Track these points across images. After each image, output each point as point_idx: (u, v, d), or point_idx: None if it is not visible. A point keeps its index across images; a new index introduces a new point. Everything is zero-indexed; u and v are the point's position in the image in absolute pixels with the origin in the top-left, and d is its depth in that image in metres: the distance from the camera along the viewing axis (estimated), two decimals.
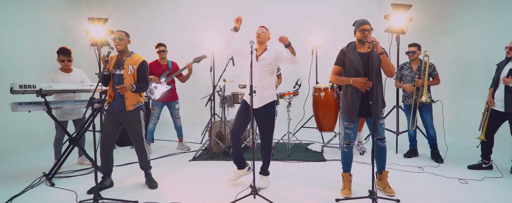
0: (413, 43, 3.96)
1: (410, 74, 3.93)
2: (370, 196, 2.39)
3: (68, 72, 3.64)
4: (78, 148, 3.55)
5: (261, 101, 2.94)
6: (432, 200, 2.67)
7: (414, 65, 3.95)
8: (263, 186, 2.99)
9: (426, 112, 3.86)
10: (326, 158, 4.12)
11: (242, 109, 3.01)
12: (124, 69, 2.85)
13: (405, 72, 3.98)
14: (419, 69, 3.87)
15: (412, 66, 3.96)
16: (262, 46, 3.01)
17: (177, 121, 4.69)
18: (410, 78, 3.92)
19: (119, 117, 2.90)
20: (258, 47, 3.01)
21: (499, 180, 3.18)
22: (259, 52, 3.00)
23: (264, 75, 2.93)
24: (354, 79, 2.58)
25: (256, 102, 2.89)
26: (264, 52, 2.98)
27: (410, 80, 3.92)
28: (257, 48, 3.01)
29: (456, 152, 4.19)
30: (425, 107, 3.85)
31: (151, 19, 6.42)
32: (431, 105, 3.86)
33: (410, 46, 3.95)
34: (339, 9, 6.19)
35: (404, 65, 4.04)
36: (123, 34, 2.85)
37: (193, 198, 2.80)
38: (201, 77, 6.16)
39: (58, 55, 3.58)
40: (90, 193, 2.84)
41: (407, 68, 3.99)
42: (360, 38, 2.61)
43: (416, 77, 3.85)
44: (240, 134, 3.04)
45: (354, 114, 2.65)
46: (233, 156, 3.09)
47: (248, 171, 3.12)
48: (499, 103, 3.31)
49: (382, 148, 2.75)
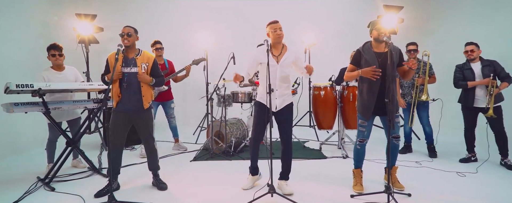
0: (412, 42, 4.10)
1: None
2: (386, 191, 2.47)
3: (60, 71, 3.42)
4: (76, 150, 3.37)
5: (282, 102, 2.79)
6: (438, 193, 2.81)
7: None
8: (289, 192, 2.77)
9: (423, 110, 4.03)
10: (326, 155, 4.19)
11: (261, 112, 2.77)
12: (138, 68, 2.74)
13: None
14: (417, 68, 4.02)
15: None
16: (280, 46, 2.80)
17: (172, 120, 4.58)
18: None
19: (131, 116, 2.79)
20: (276, 47, 2.79)
21: (492, 172, 3.41)
22: (278, 52, 2.78)
23: (285, 77, 2.77)
24: (362, 71, 2.60)
25: (278, 104, 2.77)
26: (285, 53, 2.78)
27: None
28: (273, 49, 2.78)
29: (448, 147, 4.43)
30: (422, 105, 4.02)
31: (142, 16, 6.21)
32: (428, 103, 4.03)
33: (410, 45, 4.08)
34: (332, 9, 6.33)
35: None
36: (132, 30, 2.73)
37: (210, 198, 2.74)
38: (193, 76, 6.04)
39: (49, 51, 3.35)
40: (98, 196, 2.70)
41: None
42: (376, 36, 2.67)
43: (415, 76, 4.01)
44: (261, 139, 2.94)
45: (368, 112, 2.72)
46: (251, 163, 2.96)
47: (260, 177, 3.11)
48: (480, 98, 3.59)
49: (396, 145, 2.85)
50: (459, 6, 5.46)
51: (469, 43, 3.70)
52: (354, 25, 5.85)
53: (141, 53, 2.81)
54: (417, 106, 4.02)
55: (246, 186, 2.95)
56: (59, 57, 3.36)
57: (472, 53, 3.64)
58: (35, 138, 4.53)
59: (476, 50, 3.64)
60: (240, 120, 4.85)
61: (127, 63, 2.74)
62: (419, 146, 4.42)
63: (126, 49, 2.76)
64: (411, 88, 4.03)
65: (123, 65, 2.73)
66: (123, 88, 2.72)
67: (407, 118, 4.13)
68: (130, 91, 2.72)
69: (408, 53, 4.09)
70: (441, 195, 2.76)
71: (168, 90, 4.46)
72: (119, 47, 2.63)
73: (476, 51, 3.64)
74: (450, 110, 4.37)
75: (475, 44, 3.67)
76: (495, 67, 3.55)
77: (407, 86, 4.08)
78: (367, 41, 2.81)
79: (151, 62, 2.82)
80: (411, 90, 4.02)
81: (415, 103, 3.98)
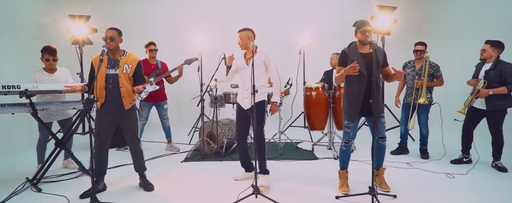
0: (421, 42, 3.95)
1: (412, 73, 3.98)
2: (370, 192, 2.46)
3: (52, 73, 3.43)
4: (65, 151, 3.38)
5: (249, 101, 3.01)
6: (424, 195, 2.79)
7: (418, 64, 3.97)
8: (264, 184, 2.97)
9: (422, 112, 3.92)
10: (317, 156, 4.18)
11: (238, 113, 3.13)
12: (119, 68, 2.74)
13: (408, 70, 4.02)
14: (421, 69, 3.89)
15: (415, 65, 3.99)
16: (251, 50, 2.99)
17: (165, 121, 4.59)
18: (412, 77, 3.97)
19: (115, 117, 2.79)
20: (246, 52, 3.09)
21: (482, 173, 3.38)
22: (249, 56, 3.05)
23: (256, 78, 2.91)
24: (345, 70, 2.58)
25: (249, 103, 2.99)
26: (254, 55, 2.98)
27: (412, 79, 3.96)
28: (246, 53, 3.09)
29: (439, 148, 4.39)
30: (423, 107, 3.89)
31: (136, 17, 6.23)
32: (428, 105, 3.91)
33: (418, 45, 3.94)
34: (326, 9, 6.31)
35: (408, 63, 4.08)
36: (115, 34, 2.73)
37: (193, 199, 2.75)
38: (188, 77, 6.05)
39: (42, 54, 3.36)
40: (83, 197, 2.71)
41: (410, 67, 4.02)
42: (362, 39, 2.66)
43: (416, 77, 3.91)
44: (245, 137, 3.14)
45: (354, 113, 2.70)
46: (240, 160, 3.21)
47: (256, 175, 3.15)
48: (479, 100, 3.51)
49: (382, 146, 2.83)
50: (455, 6, 5.43)
51: (486, 41, 3.45)
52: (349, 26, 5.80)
53: (126, 55, 2.82)
54: (418, 107, 3.92)
55: (238, 177, 3.23)
56: (52, 62, 3.38)
57: (483, 53, 3.46)
58: (29, 139, 4.55)
59: (488, 50, 3.41)
60: (232, 120, 4.84)
61: (112, 65, 2.75)
62: (415, 147, 4.37)
63: (111, 51, 2.76)
64: (413, 89, 3.92)
65: (108, 67, 2.73)
66: (108, 89, 2.72)
67: (404, 119, 4.09)
68: (114, 92, 2.73)
69: (414, 53, 3.96)
70: (427, 197, 2.74)
71: (161, 91, 4.46)
72: (104, 48, 2.63)
73: (488, 52, 3.40)
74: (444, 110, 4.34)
75: (491, 43, 3.40)
76: (501, 71, 3.32)
77: (410, 87, 4.00)
78: (352, 42, 2.80)
79: (135, 64, 2.82)
80: (413, 92, 3.93)
81: (415, 105, 3.89)
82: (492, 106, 3.40)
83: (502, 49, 3.41)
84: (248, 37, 2.98)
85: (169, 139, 4.69)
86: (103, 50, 2.63)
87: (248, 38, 2.98)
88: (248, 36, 2.99)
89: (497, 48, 3.39)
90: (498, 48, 3.39)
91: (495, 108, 3.39)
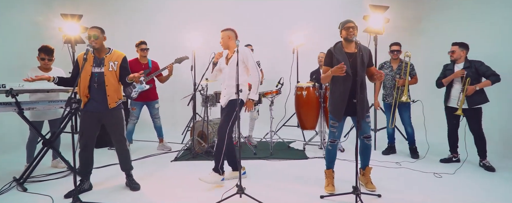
0: (396, 42, 4.07)
1: (390, 73, 4.04)
2: (353, 192, 2.45)
3: (46, 72, 3.49)
4: (53, 150, 3.38)
5: (226, 99, 3.06)
6: (410, 194, 2.78)
7: (394, 64, 4.06)
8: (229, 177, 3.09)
9: (404, 111, 3.99)
10: (308, 155, 4.17)
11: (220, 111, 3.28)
12: (105, 66, 2.74)
13: (386, 71, 4.09)
14: (399, 68, 3.99)
15: (392, 65, 4.07)
16: (231, 49, 3.10)
17: (156, 120, 4.59)
18: (390, 77, 4.03)
19: (99, 116, 2.78)
20: (228, 51, 3.16)
21: (470, 173, 3.37)
22: (230, 55, 3.12)
23: (233, 76, 2.92)
24: (332, 70, 2.56)
25: (224, 102, 3.07)
26: (233, 55, 3.03)
27: (391, 79, 4.02)
28: (228, 52, 3.17)
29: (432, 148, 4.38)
30: (404, 106, 3.97)
31: (129, 16, 6.22)
32: (409, 103, 3.98)
33: (393, 45, 4.05)
34: (319, 9, 6.30)
35: (385, 64, 4.15)
36: (98, 32, 2.73)
37: (178, 199, 2.74)
38: (181, 76, 6.05)
39: (39, 53, 3.44)
40: (67, 197, 2.71)
41: (387, 67, 4.10)
42: (346, 36, 2.66)
43: (396, 76, 3.97)
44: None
45: (340, 113, 2.70)
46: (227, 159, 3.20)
47: (243, 175, 3.21)
48: (455, 99, 3.55)
49: (368, 145, 2.83)
50: (449, 6, 5.41)
51: (453, 43, 3.65)
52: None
53: (111, 52, 2.82)
54: (399, 106, 3.99)
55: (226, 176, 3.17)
56: (48, 62, 3.45)
57: (453, 54, 3.61)
58: (21, 137, 4.55)
59: (457, 51, 3.57)
60: None
61: (97, 63, 2.74)
62: (405, 147, 4.37)
63: (96, 50, 2.76)
64: (393, 89, 4.00)
65: (93, 65, 2.73)
66: (93, 88, 2.72)
67: (388, 119, 4.11)
68: (99, 91, 2.72)
69: (391, 53, 4.07)
70: (412, 196, 2.73)
71: (152, 90, 4.46)
72: (88, 47, 2.63)
73: (458, 52, 3.57)
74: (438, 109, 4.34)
75: (458, 45, 3.59)
76: (477, 69, 3.47)
77: (389, 87, 4.06)
78: (338, 42, 2.80)
79: (120, 60, 2.82)
80: (393, 91, 3.99)
81: (396, 104, 3.95)
82: (473, 102, 3.46)
83: (468, 49, 3.60)
84: (228, 36, 3.03)
85: (160, 138, 4.69)
86: (87, 49, 2.62)
87: (229, 38, 3.03)
88: (229, 35, 3.04)
89: (464, 49, 3.59)
90: (465, 49, 3.59)
91: (475, 104, 3.46)
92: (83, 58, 2.57)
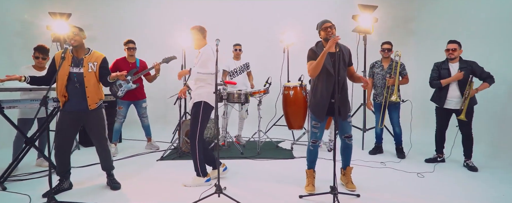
0: (387, 41, 4.03)
1: (381, 72, 4.02)
2: (331, 192, 2.45)
3: (40, 71, 3.54)
4: (35, 149, 3.36)
5: (193, 101, 2.98)
6: (389, 194, 2.78)
7: (385, 63, 4.03)
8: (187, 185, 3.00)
9: (394, 110, 3.96)
10: (295, 155, 4.17)
11: None
12: (84, 67, 2.72)
13: (377, 70, 4.06)
14: (390, 68, 3.95)
15: (383, 64, 4.04)
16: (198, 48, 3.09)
17: (144, 120, 4.58)
18: (381, 76, 4.01)
19: (78, 116, 2.76)
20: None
21: (452, 173, 3.38)
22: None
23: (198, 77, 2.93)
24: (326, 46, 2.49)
25: (191, 104, 2.99)
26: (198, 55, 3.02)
27: (381, 78, 4.00)
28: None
29: (418, 148, 4.39)
30: (394, 106, 3.94)
31: (118, 15, 6.19)
32: (399, 103, 3.96)
33: (384, 44, 4.01)
34: (310, 9, 6.28)
35: (376, 64, 4.12)
36: (77, 30, 2.71)
37: (156, 198, 2.73)
38: (172, 76, 6.03)
39: (34, 52, 3.51)
40: (45, 196, 2.69)
41: (378, 67, 4.07)
42: (325, 36, 2.66)
43: (387, 75, 3.94)
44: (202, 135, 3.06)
45: (322, 113, 2.69)
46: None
47: (223, 171, 3.23)
48: (454, 100, 3.50)
49: (349, 145, 2.82)
50: (439, 5, 5.41)
51: (452, 41, 3.52)
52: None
53: (90, 53, 2.80)
54: (389, 106, 3.96)
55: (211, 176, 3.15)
56: (42, 61, 3.52)
57: (453, 52, 3.48)
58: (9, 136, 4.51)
59: (458, 50, 3.47)
60: (211, 119, 4.81)
61: (76, 63, 2.72)
62: (392, 147, 4.36)
63: (75, 49, 2.74)
64: (384, 88, 3.98)
65: (72, 65, 2.71)
66: (73, 88, 2.70)
67: (378, 119, 4.10)
68: (77, 91, 2.70)
69: (382, 52, 4.03)
70: (391, 196, 2.73)
71: (139, 90, 4.45)
72: (67, 46, 2.62)
73: (458, 51, 3.48)
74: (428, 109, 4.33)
75: (458, 43, 3.50)
76: (473, 69, 3.40)
77: (380, 86, 4.04)
78: (318, 41, 2.79)
79: (100, 61, 2.80)
80: (384, 91, 3.97)
81: (386, 103, 3.93)
82: (469, 105, 3.42)
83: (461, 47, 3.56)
84: (195, 36, 3.02)
85: (148, 138, 4.68)
86: (66, 47, 2.61)
87: (196, 38, 3.01)
88: (195, 35, 3.01)
89: (461, 47, 3.50)
90: (461, 47, 3.51)
91: (471, 106, 3.43)
92: (61, 57, 2.56)
